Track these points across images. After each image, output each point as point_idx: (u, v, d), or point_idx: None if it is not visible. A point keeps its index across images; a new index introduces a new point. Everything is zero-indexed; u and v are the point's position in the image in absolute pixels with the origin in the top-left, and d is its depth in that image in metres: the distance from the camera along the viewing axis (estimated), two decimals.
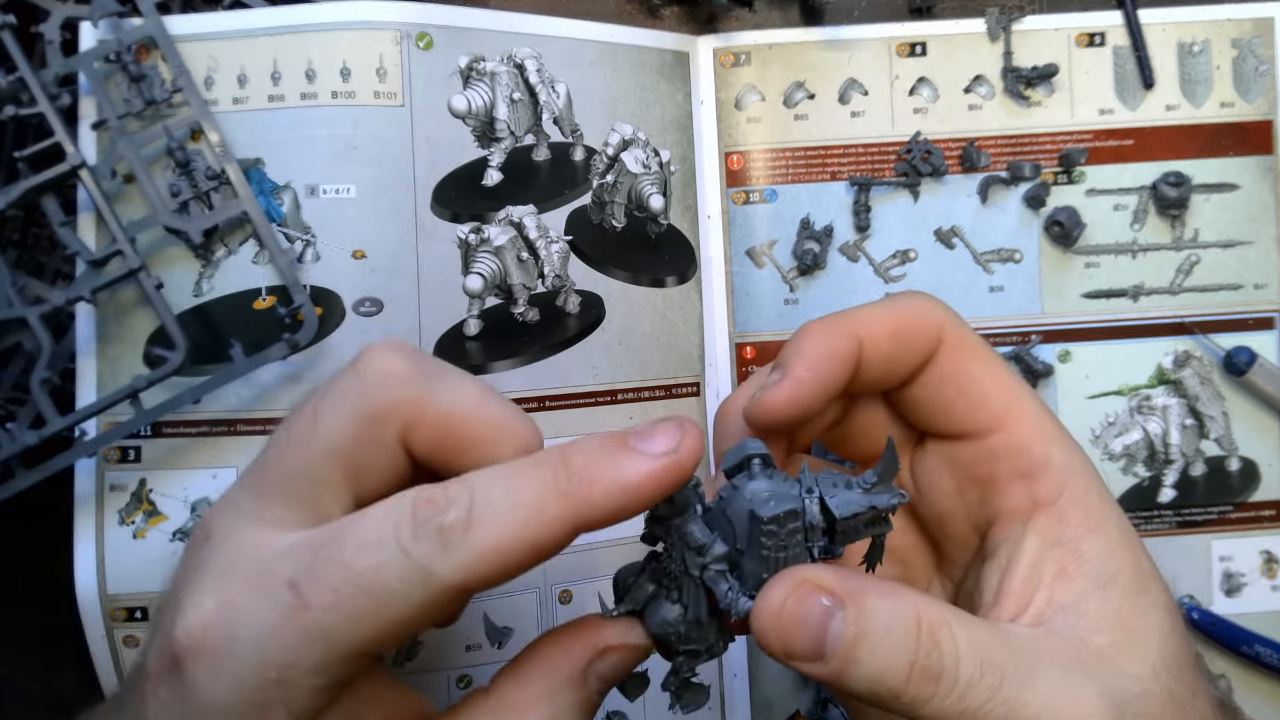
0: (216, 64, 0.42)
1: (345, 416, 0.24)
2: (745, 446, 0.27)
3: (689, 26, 0.50)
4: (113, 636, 0.42)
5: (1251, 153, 0.49)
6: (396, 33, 0.43)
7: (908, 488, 0.31)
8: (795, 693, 0.48)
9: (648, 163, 0.47)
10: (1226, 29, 0.49)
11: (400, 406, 0.24)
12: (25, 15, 0.41)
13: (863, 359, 0.28)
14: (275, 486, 0.24)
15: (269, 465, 0.25)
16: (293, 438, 0.24)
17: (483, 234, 0.44)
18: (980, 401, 0.28)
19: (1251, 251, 0.49)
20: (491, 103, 0.45)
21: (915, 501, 0.31)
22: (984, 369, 0.28)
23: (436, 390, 0.24)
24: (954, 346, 0.28)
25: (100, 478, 0.42)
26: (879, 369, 0.29)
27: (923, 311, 0.29)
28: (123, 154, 0.41)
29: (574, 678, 0.24)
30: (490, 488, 0.22)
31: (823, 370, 0.27)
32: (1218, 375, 0.49)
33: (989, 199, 0.49)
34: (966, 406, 0.28)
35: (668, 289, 0.48)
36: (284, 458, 0.24)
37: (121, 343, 0.42)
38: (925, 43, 0.49)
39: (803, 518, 0.25)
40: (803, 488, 0.25)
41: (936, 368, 0.29)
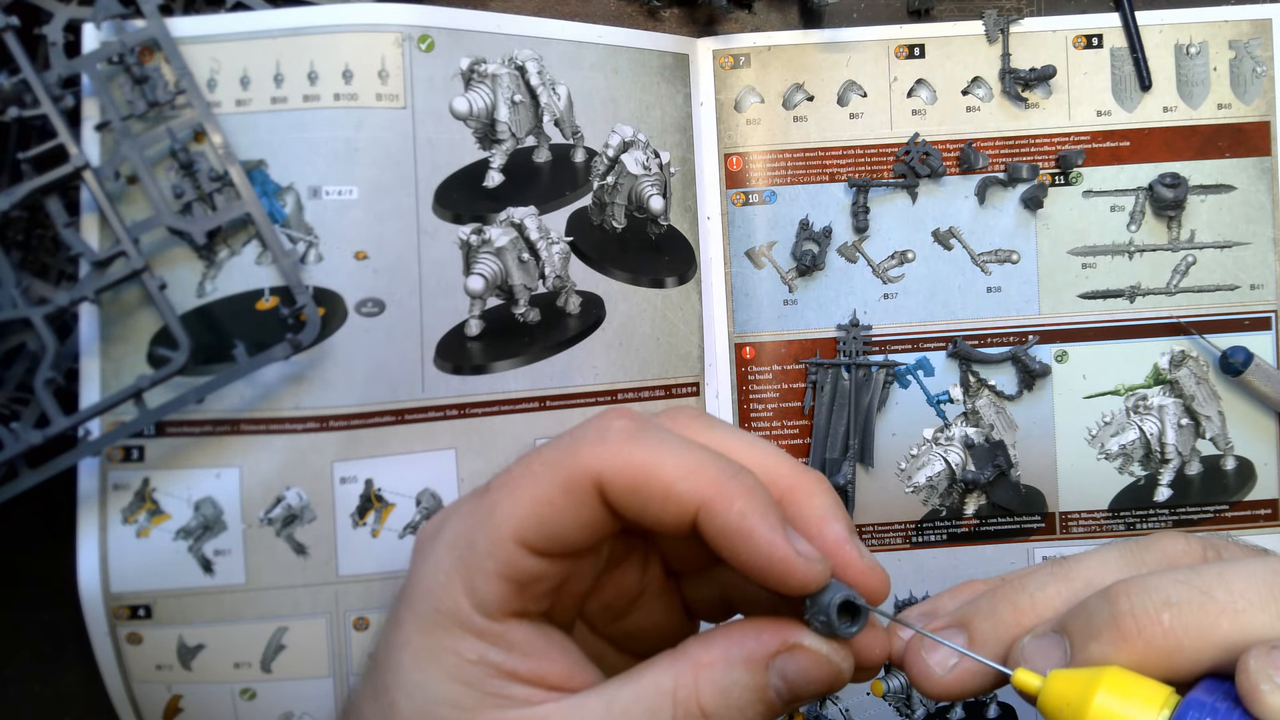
0: (219, 66, 0.43)
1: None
2: None
3: (689, 28, 0.50)
4: (116, 634, 0.42)
5: (1248, 154, 0.49)
6: (398, 35, 0.43)
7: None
8: None
9: (648, 164, 0.48)
10: (1224, 30, 0.49)
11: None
12: (28, 17, 0.41)
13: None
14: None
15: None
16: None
17: (484, 235, 0.45)
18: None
19: (1248, 252, 0.49)
20: (493, 104, 0.45)
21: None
22: None
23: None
24: None
25: (104, 477, 0.42)
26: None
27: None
28: (126, 155, 0.41)
29: (756, 660, 0.24)
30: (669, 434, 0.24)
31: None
32: (1214, 375, 0.49)
33: (987, 200, 0.49)
34: None
35: (668, 289, 0.48)
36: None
37: (125, 343, 0.42)
38: (923, 45, 0.49)
39: None
40: None
41: None
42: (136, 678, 0.43)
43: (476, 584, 0.24)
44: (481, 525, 0.24)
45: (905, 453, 0.49)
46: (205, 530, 0.42)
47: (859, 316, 0.49)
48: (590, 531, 0.24)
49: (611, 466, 0.23)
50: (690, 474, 0.23)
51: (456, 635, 0.24)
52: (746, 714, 0.24)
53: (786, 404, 0.49)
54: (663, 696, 0.23)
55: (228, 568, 0.42)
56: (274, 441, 0.42)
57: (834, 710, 0.49)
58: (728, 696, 0.23)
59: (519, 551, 0.24)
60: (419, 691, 0.24)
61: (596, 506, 0.23)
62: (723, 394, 0.49)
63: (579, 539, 0.24)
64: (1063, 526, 0.49)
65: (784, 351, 0.49)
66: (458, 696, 0.24)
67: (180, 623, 0.42)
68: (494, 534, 0.24)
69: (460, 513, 0.25)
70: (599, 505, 0.23)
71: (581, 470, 0.23)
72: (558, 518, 0.23)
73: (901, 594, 0.49)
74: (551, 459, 0.24)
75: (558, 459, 0.24)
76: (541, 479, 0.24)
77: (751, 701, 0.24)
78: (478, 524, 0.24)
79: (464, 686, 0.24)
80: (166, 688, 0.43)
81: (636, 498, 0.23)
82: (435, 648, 0.24)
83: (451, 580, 0.24)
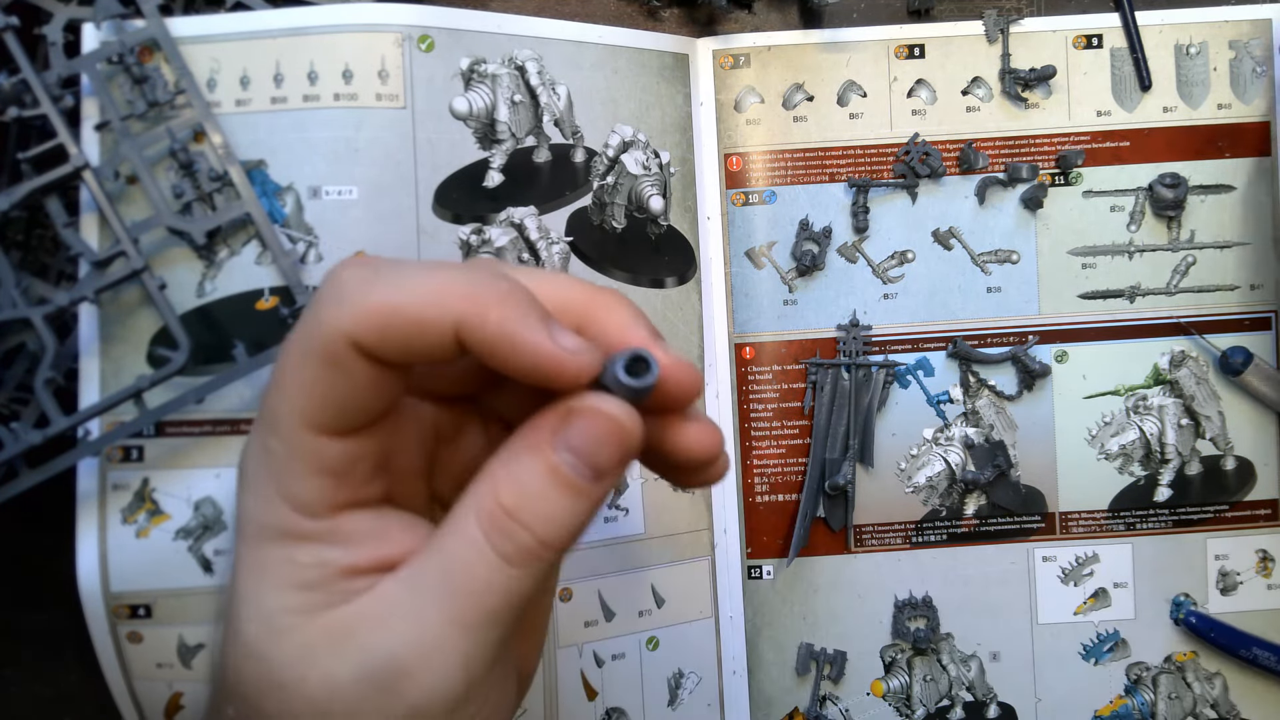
0: (219, 66, 0.43)
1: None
2: None
3: (689, 29, 0.50)
4: (116, 634, 0.42)
5: (1248, 154, 0.49)
6: (398, 35, 0.43)
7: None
8: (794, 690, 0.49)
9: (648, 164, 0.48)
10: (1224, 31, 0.49)
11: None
12: (28, 17, 0.41)
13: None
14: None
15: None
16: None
17: (484, 235, 0.45)
18: None
19: (1248, 252, 0.49)
20: (493, 105, 0.45)
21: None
22: None
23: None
24: None
25: (103, 477, 0.42)
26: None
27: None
28: (126, 155, 0.41)
29: (536, 445, 0.23)
30: (406, 266, 0.23)
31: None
32: (1213, 375, 0.49)
33: (987, 200, 0.49)
34: None
35: (667, 290, 0.48)
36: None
37: (125, 343, 0.42)
38: (923, 45, 0.49)
39: None
40: None
41: None
42: (137, 676, 0.43)
43: (291, 488, 0.23)
44: (270, 430, 0.23)
45: (905, 453, 0.49)
46: (205, 530, 0.42)
47: (859, 316, 0.49)
48: (374, 391, 0.23)
49: (356, 320, 0.22)
50: (437, 296, 0.22)
51: (288, 545, 0.23)
52: (551, 501, 0.23)
53: (786, 404, 0.49)
54: (469, 518, 0.23)
55: (228, 567, 0.42)
56: None
57: (834, 710, 0.49)
58: (523, 488, 0.23)
59: (317, 440, 0.23)
60: (258, 609, 0.23)
61: (364, 365, 0.22)
62: (723, 394, 0.49)
63: (368, 403, 0.23)
64: (1063, 526, 0.49)
65: (784, 351, 0.49)
66: (299, 603, 0.23)
67: (180, 622, 0.42)
68: (285, 433, 0.23)
69: (254, 429, 0.24)
70: (365, 363, 0.22)
71: (331, 337, 0.22)
72: (334, 392, 0.22)
73: (901, 594, 0.49)
74: (301, 339, 0.22)
75: (306, 336, 0.22)
76: (300, 362, 0.22)
77: (549, 486, 0.23)
78: (266, 430, 0.23)
79: (304, 592, 0.23)
80: (167, 685, 0.43)
81: (392, 341, 0.22)
82: (268, 562, 0.23)
83: (265, 493, 0.23)
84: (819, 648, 0.49)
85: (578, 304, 0.25)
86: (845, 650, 0.49)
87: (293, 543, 0.23)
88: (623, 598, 0.47)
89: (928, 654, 0.49)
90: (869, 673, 0.49)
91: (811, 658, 0.49)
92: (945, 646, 0.49)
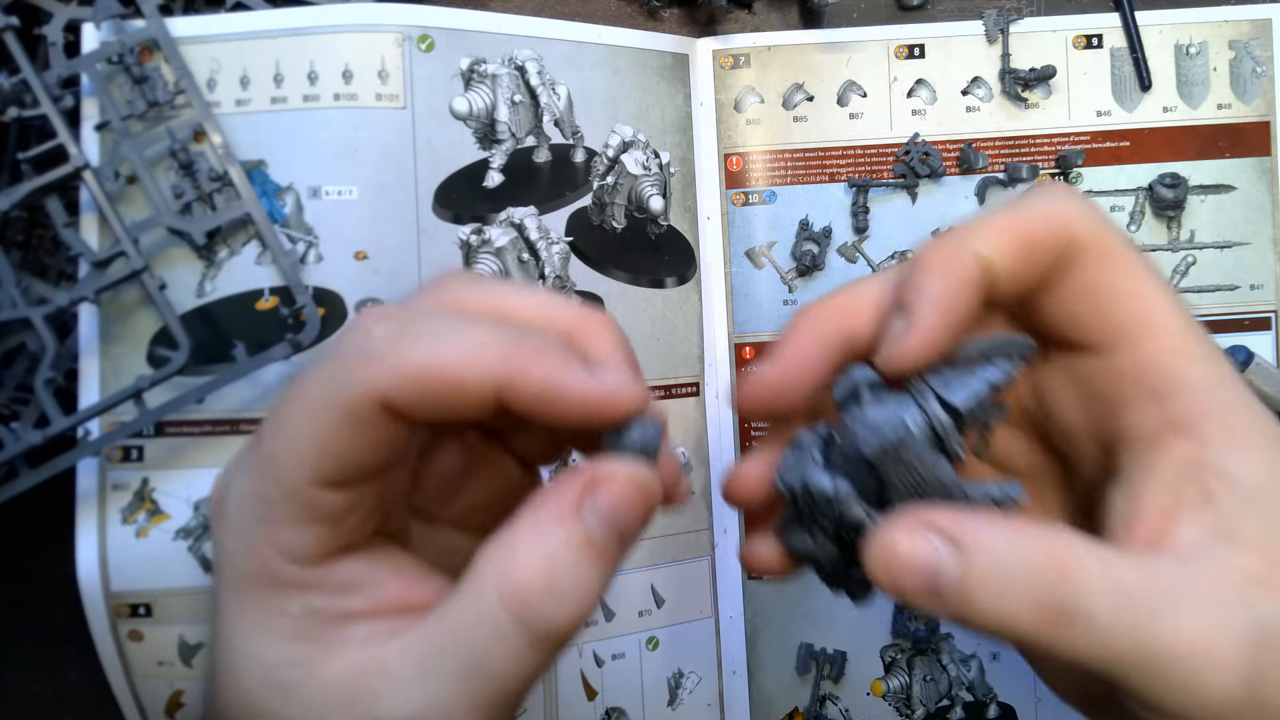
0: (219, 66, 0.43)
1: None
2: (852, 375, 0.25)
3: (688, 29, 0.50)
4: (117, 633, 0.42)
5: (1248, 154, 0.49)
6: (398, 35, 0.43)
7: (1027, 400, 0.28)
8: (794, 690, 0.49)
9: (648, 164, 0.48)
10: (1224, 31, 0.49)
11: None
12: (28, 17, 0.41)
13: (995, 285, 0.25)
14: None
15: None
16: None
17: (484, 235, 0.45)
18: (1113, 316, 0.25)
19: (1248, 252, 0.49)
20: (493, 105, 0.45)
21: (1038, 415, 0.28)
22: (1121, 278, 0.25)
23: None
24: (1091, 256, 0.25)
25: (103, 477, 0.42)
26: (1005, 291, 0.25)
27: (1056, 217, 0.25)
28: (126, 155, 0.41)
29: (563, 514, 0.22)
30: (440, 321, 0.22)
31: (952, 309, 0.24)
32: None
33: (987, 200, 0.49)
34: (1096, 321, 0.25)
35: (667, 290, 0.48)
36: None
37: (125, 343, 0.42)
38: (923, 45, 0.49)
39: (930, 425, 0.24)
40: (915, 397, 0.24)
41: (1068, 281, 0.25)
42: (138, 674, 0.43)
43: (283, 537, 0.22)
44: (268, 477, 0.22)
45: None
46: (205, 530, 0.42)
47: None
48: (389, 447, 0.22)
49: (391, 380, 0.21)
50: (476, 358, 0.21)
51: (278, 595, 0.22)
52: (582, 571, 0.22)
53: None
54: (490, 595, 0.21)
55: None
56: None
57: (834, 710, 0.49)
58: (553, 561, 0.21)
59: (318, 491, 0.22)
60: (256, 663, 0.22)
61: (388, 423, 0.21)
62: (722, 394, 0.49)
63: (380, 458, 0.22)
64: None
65: None
66: (296, 655, 0.22)
67: (181, 621, 0.42)
68: (286, 483, 0.22)
69: (243, 469, 0.23)
70: (390, 421, 0.21)
71: (361, 394, 0.21)
72: (350, 448, 0.21)
73: None
74: (322, 391, 0.21)
75: (330, 390, 0.21)
76: (318, 415, 0.21)
77: (579, 556, 0.22)
78: (264, 477, 0.22)
79: (300, 643, 0.22)
80: (168, 684, 0.43)
81: (428, 402, 0.21)
82: (260, 612, 0.22)
83: (254, 541, 0.22)
84: (819, 648, 0.49)
85: (562, 329, 0.24)
86: (845, 650, 0.49)
87: (283, 592, 0.22)
88: (622, 598, 0.47)
89: (928, 654, 0.49)
90: (869, 673, 0.49)
91: (811, 658, 0.49)
92: (945, 646, 0.49)
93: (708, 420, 0.49)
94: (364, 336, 0.22)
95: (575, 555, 0.22)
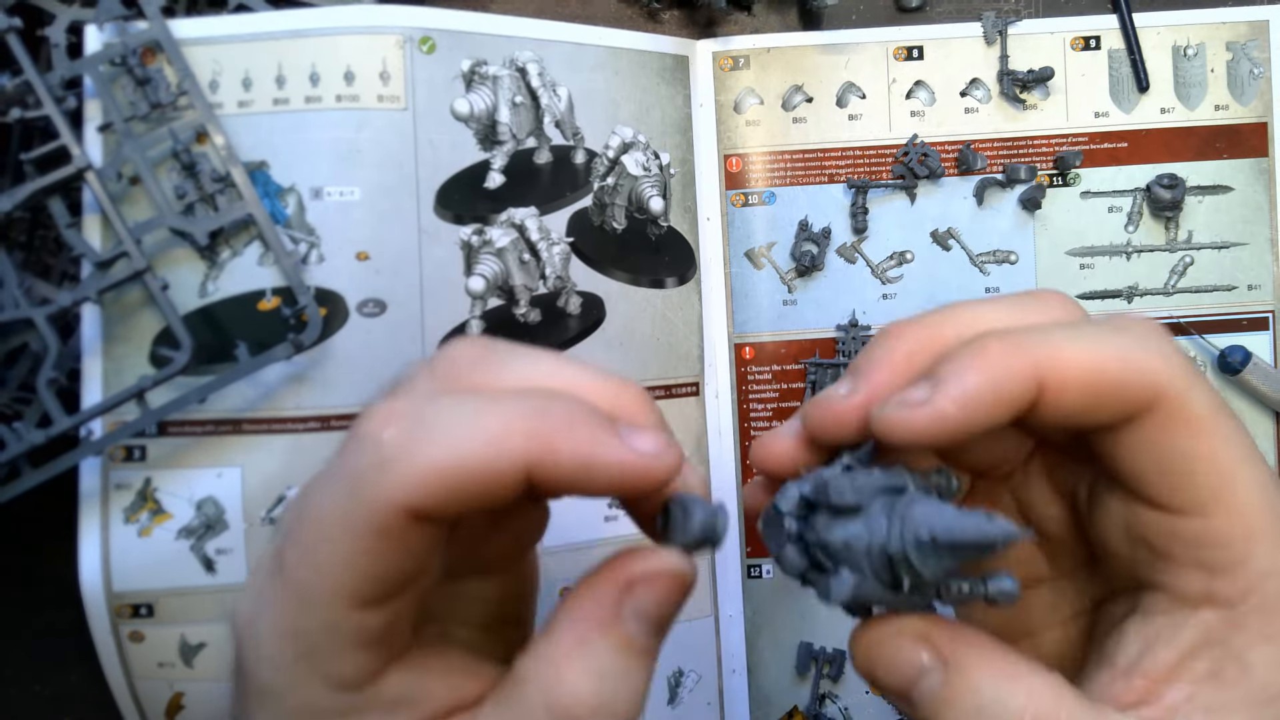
0: (221, 67, 0.43)
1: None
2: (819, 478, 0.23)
3: (688, 30, 0.51)
4: (118, 633, 0.42)
5: (1245, 155, 0.49)
6: (400, 36, 0.44)
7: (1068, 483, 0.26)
8: (793, 689, 0.49)
9: (648, 165, 0.48)
10: (1221, 32, 0.49)
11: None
12: (31, 18, 0.42)
13: (1038, 407, 0.22)
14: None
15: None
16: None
17: (485, 236, 0.45)
18: (1182, 484, 0.22)
19: (1246, 253, 0.49)
20: (494, 106, 0.45)
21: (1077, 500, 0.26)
22: (1201, 445, 0.22)
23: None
24: (1170, 418, 0.22)
25: (105, 476, 0.42)
26: (1055, 421, 0.22)
27: (1139, 367, 0.22)
28: (128, 156, 0.41)
29: (604, 621, 0.21)
30: (452, 408, 0.20)
31: (977, 412, 0.21)
32: (1211, 375, 0.49)
33: (985, 201, 0.49)
34: (1162, 483, 0.22)
35: (667, 290, 0.48)
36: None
37: (127, 343, 0.42)
38: (922, 46, 0.50)
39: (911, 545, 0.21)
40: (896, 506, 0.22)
41: (1136, 436, 0.22)
42: (139, 675, 0.43)
43: (332, 668, 0.21)
44: (304, 610, 0.20)
45: None
46: (207, 530, 0.42)
47: (858, 317, 0.49)
48: (426, 550, 0.21)
49: (413, 487, 0.19)
50: (498, 442, 0.20)
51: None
52: (631, 675, 0.21)
53: (786, 404, 0.49)
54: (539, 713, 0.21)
55: (230, 567, 0.43)
56: (276, 441, 0.42)
57: (833, 709, 0.49)
58: (602, 674, 0.21)
59: (360, 615, 0.20)
60: None
61: (419, 529, 0.20)
62: (722, 394, 0.49)
63: (418, 564, 0.21)
64: None
65: (783, 352, 0.49)
66: None
67: (182, 621, 0.42)
68: (324, 614, 0.20)
69: (271, 601, 0.21)
70: (421, 526, 0.20)
71: (384, 508, 0.19)
72: (384, 565, 0.20)
73: None
74: (342, 511, 0.20)
75: (351, 508, 0.20)
76: (345, 538, 0.20)
77: (626, 661, 0.21)
78: (299, 610, 0.20)
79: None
80: (169, 685, 0.43)
81: (457, 500, 0.20)
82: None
83: (297, 675, 0.21)
84: (819, 646, 0.49)
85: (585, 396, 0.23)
86: (844, 649, 0.49)
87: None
88: None
89: None
90: None
91: (811, 657, 0.49)
92: None
93: (708, 420, 0.49)
94: (374, 446, 0.20)
95: (622, 664, 0.21)
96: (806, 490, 0.23)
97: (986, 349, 0.22)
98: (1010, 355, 0.22)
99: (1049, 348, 0.22)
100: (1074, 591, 0.27)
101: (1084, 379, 0.21)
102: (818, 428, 0.24)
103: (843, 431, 0.24)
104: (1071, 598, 0.27)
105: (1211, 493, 0.22)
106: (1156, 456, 0.22)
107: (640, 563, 0.22)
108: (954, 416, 0.21)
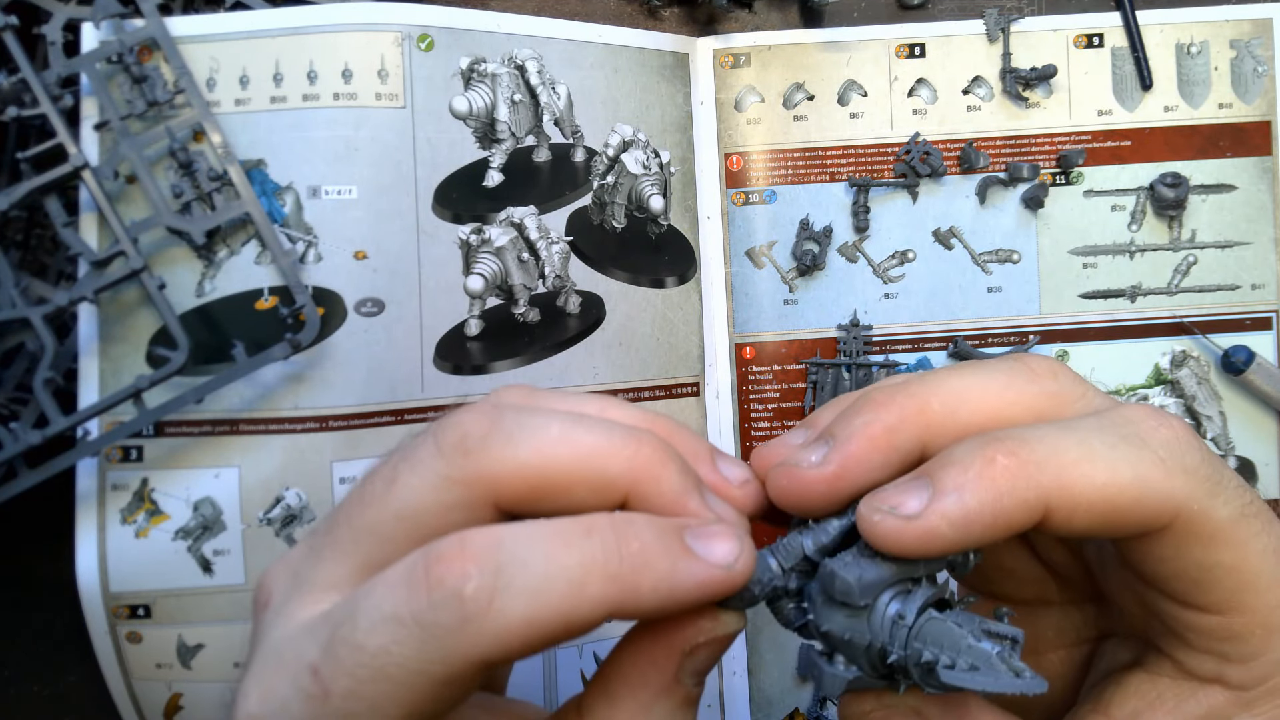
0: (218, 65, 0.43)
1: (424, 480, 0.21)
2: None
3: (689, 28, 0.50)
4: (116, 634, 0.42)
5: (1249, 154, 0.49)
6: (398, 34, 0.43)
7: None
8: (794, 691, 0.49)
9: (648, 164, 0.47)
10: (1225, 30, 0.49)
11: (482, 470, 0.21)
12: (27, 16, 0.41)
13: (1043, 524, 0.21)
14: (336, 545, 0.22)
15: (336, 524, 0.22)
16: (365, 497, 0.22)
17: (484, 235, 0.45)
18: (1202, 591, 0.22)
19: (1249, 252, 0.49)
20: (492, 104, 0.45)
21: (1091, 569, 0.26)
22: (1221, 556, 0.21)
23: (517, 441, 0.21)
24: (1188, 532, 0.21)
25: (102, 477, 0.42)
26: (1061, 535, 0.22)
27: (1157, 484, 0.20)
28: (125, 155, 0.41)
29: (666, 686, 0.22)
30: (526, 551, 0.19)
31: (973, 532, 0.20)
32: (1215, 375, 0.49)
33: (987, 200, 0.49)
34: (1180, 589, 0.22)
35: (668, 289, 0.48)
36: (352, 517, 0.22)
37: (124, 343, 0.42)
38: (924, 44, 0.49)
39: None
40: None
41: (1152, 544, 0.21)
42: (136, 676, 0.43)
43: None
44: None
45: None
46: (204, 530, 0.42)
47: (859, 316, 0.49)
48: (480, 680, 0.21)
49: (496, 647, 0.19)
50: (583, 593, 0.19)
51: None
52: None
53: (787, 404, 0.49)
54: None
55: (227, 568, 0.42)
56: (273, 441, 0.42)
57: (834, 711, 0.49)
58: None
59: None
60: None
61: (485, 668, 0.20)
62: (723, 394, 0.49)
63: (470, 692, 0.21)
64: None
65: (784, 351, 0.49)
66: None
67: (180, 622, 0.42)
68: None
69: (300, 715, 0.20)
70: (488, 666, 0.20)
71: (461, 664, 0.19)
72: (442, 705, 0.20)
73: None
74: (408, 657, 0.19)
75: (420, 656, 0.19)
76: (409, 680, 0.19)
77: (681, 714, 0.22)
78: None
79: None
80: (166, 686, 0.43)
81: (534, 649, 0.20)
82: None
83: None
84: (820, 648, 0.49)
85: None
86: None
87: None
88: None
89: None
90: None
91: None
92: None
93: (708, 420, 0.49)
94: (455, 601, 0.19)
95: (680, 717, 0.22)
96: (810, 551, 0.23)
97: (991, 464, 0.20)
98: (1015, 476, 0.20)
99: (1056, 467, 0.20)
100: (1081, 620, 0.27)
101: (1096, 504, 0.20)
102: (782, 496, 0.23)
103: (809, 504, 0.23)
104: (1079, 624, 0.27)
105: (1232, 595, 0.21)
106: (1174, 566, 0.21)
107: (705, 632, 0.22)
108: (948, 537, 0.20)
